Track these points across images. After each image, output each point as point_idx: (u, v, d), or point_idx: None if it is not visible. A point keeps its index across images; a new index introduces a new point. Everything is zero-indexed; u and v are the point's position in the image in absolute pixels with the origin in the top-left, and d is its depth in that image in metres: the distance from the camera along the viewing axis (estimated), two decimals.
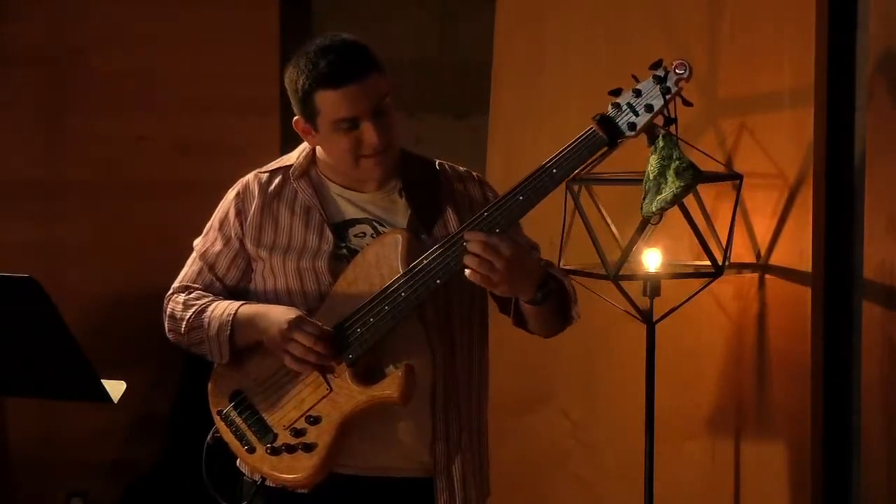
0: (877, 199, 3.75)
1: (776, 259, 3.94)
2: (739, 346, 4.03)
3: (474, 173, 3.21)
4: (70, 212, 5.21)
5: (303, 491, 3.05)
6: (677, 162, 3.12)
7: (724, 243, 3.90)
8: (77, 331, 3.00)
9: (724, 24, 4.08)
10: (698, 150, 3.92)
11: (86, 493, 5.18)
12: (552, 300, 3.04)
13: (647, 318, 3.89)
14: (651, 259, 3.92)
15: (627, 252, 3.84)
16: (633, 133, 2.97)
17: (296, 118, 3.09)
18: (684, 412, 4.13)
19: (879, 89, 3.74)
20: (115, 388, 3.10)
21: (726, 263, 3.89)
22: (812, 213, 3.86)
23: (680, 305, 3.91)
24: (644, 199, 3.19)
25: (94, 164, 5.21)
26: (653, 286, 3.89)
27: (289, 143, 5.27)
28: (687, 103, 2.99)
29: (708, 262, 3.86)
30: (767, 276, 3.96)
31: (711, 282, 3.89)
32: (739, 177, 3.92)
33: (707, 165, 3.93)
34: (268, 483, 3.08)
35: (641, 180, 3.81)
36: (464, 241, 2.93)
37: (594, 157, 3.07)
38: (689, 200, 3.87)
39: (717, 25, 4.09)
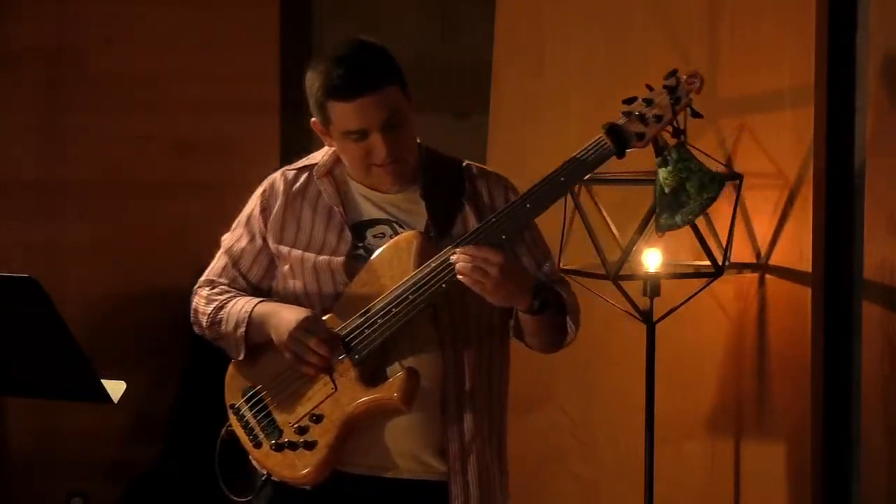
0: (877, 199, 3.75)
1: (776, 259, 3.94)
2: (739, 346, 4.03)
3: (502, 176, 3.21)
4: (70, 212, 5.21)
5: (307, 488, 3.05)
6: (699, 173, 3.10)
7: (724, 243, 3.90)
8: (77, 331, 3.00)
9: (724, 24, 4.08)
10: (698, 150, 3.92)
11: (86, 493, 5.18)
12: (550, 311, 3.04)
13: (647, 318, 3.90)
14: (651, 259, 3.92)
15: (627, 252, 3.84)
16: (641, 143, 2.96)
17: (313, 120, 3.10)
18: (684, 412, 4.13)
19: (879, 89, 3.74)
20: (115, 388, 3.11)
21: (726, 263, 3.89)
22: (812, 213, 3.86)
23: (680, 305, 3.92)
24: (661, 214, 3.18)
25: (94, 164, 5.21)
26: (653, 286, 3.89)
27: (289, 143, 5.31)
28: (696, 115, 2.98)
29: (708, 262, 3.86)
30: (767, 276, 3.96)
31: (711, 282, 3.89)
32: (739, 177, 3.92)
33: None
34: (274, 478, 3.10)
35: (642, 181, 3.82)
36: (452, 255, 2.94)
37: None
38: None
39: (717, 25, 4.09)
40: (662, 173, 3.09)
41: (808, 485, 3.88)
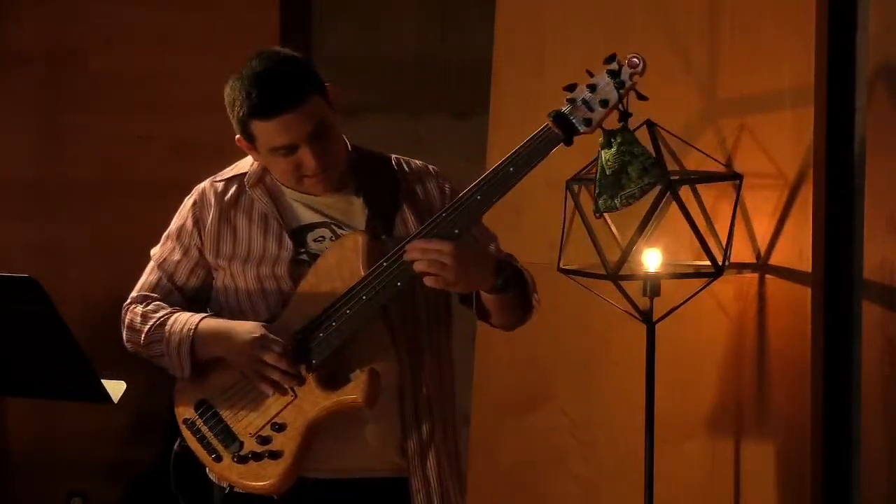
0: (877, 199, 3.75)
1: (776, 259, 3.94)
2: (739, 346, 4.03)
3: (430, 167, 3.20)
4: (70, 212, 5.21)
5: (273, 497, 3.03)
6: (641, 158, 3.10)
7: (724, 243, 3.90)
8: (77, 331, 3.00)
9: (724, 24, 4.08)
10: (698, 150, 3.92)
11: (86, 493, 5.18)
12: (513, 287, 3.03)
13: (647, 318, 3.89)
14: (651, 259, 3.91)
15: (627, 252, 3.83)
16: (588, 129, 2.95)
17: (237, 136, 3.09)
18: (684, 412, 4.13)
19: (879, 89, 3.74)
20: (115, 388, 3.10)
21: (726, 263, 3.89)
22: (812, 213, 3.86)
23: (680, 305, 3.91)
24: (601, 195, 3.18)
25: (94, 164, 5.21)
26: (653, 286, 3.89)
27: None
28: (642, 97, 2.97)
29: (708, 262, 3.85)
30: (767, 276, 3.96)
31: (711, 282, 3.89)
32: (739, 177, 3.92)
33: (707, 165, 3.93)
34: (236, 490, 3.07)
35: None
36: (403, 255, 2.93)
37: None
38: (689, 200, 3.87)
39: (717, 25, 4.09)
40: (605, 154, 3.09)
41: (808, 485, 3.88)
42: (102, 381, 3.06)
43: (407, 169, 3.17)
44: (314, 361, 2.98)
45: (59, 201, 5.22)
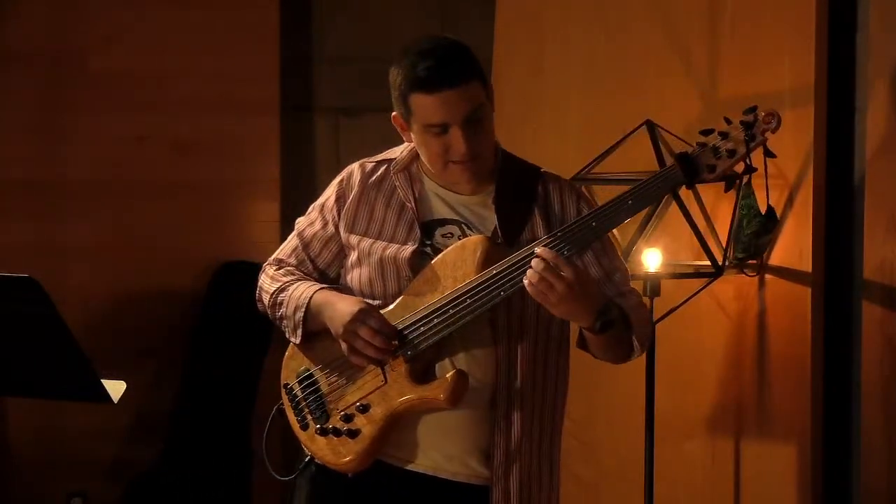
0: (877, 199, 3.75)
1: (776, 259, 3.94)
2: (739, 346, 4.03)
3: (576, 186, 3.21)
4: (70, 212, 5.21)
5: (348, 475, 3.08)
6: (754, 211, 3.13)
7: (724, 243, 3.90)
8: (77, 331, 3.00)
9: (724, 24, 4.08)
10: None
11: (86, 493, 5.18)
12: (616, 329, 3.03)
13: None
14: (651, 259, 3.92)
15: (627, 252, 3.84)
16: (711, 175, 2.96)
17: (394, 114, 3.11)
18: (684, 412, 4.13)
19: (879, 89, 3.74)
20: (115, 388, 3.11)
21: (726, 263, 3.89)
22: (812, 213, 3.86)
23: (680, 305, 3.92)
24: (733, 244, 3.20)
25: (94, 164, 5.21)
26: (653, 286, 3.89)
27: (288, 143, 5.31)
28: (770, 154, 2.98)
29: (708, 262, 3.86)
30: (767, 276, 3.96)
31: (711, 282, 3.89)
32: (739, 177, 3.92)
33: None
34: (316, 461, 3.14)
35: (641, 180, 3.82)
36: (533, 255, 2.95)
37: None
38: (689, 200, 3.87)
39: (717, 25, 4.10)
40: (741, 209, 3.14)
41: (809, 485, 3.88)
42: (102, 381, 3.07)
43: (551, 183, 3.17)
44: (409, 353, 3.03)
45: (59, 201, 5.21)
